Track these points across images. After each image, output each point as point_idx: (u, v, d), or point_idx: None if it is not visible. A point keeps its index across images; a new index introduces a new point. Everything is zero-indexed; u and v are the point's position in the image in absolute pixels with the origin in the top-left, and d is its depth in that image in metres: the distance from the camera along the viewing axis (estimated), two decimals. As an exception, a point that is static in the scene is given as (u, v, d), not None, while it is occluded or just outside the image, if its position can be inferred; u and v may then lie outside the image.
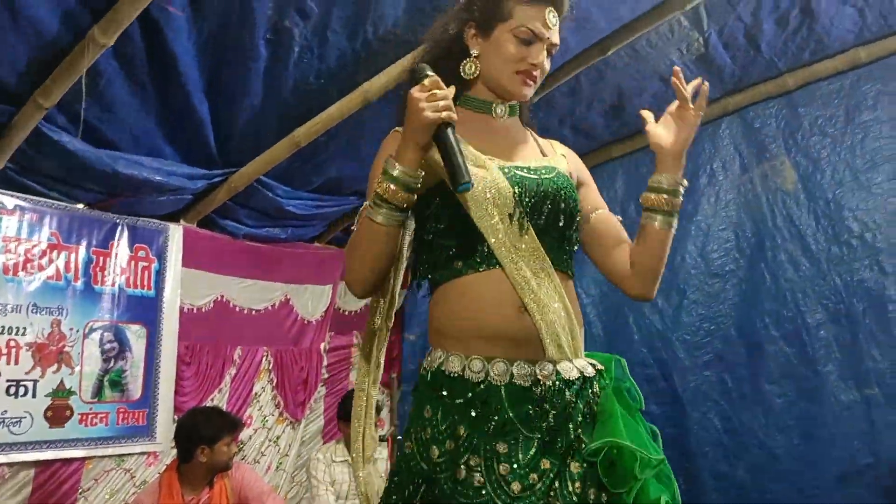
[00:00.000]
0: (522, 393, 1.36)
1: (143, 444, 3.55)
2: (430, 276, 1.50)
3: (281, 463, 4.25)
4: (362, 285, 1.44)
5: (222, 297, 3.95)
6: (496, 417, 1.35)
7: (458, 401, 1.37)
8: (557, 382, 1.39)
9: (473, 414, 1.35)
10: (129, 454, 3.50)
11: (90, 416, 3.35)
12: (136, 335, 3.54)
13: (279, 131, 3.36)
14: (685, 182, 1.54)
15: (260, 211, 3.88)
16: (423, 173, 1.37)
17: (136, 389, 3.54)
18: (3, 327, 3.07)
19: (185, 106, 3.04)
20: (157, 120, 3.10)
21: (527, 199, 1.43)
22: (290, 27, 2.77)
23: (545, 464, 1.34)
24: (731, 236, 4.03)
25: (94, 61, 2.57)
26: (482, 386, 1.36)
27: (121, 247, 3.49)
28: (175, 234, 3.69)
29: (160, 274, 3.64)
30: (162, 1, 2.52)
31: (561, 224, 1.47)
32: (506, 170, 1.45)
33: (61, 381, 3.25)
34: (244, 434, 3.99)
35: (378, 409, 3.91)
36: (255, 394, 4.12)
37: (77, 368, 3.31)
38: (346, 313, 4.73)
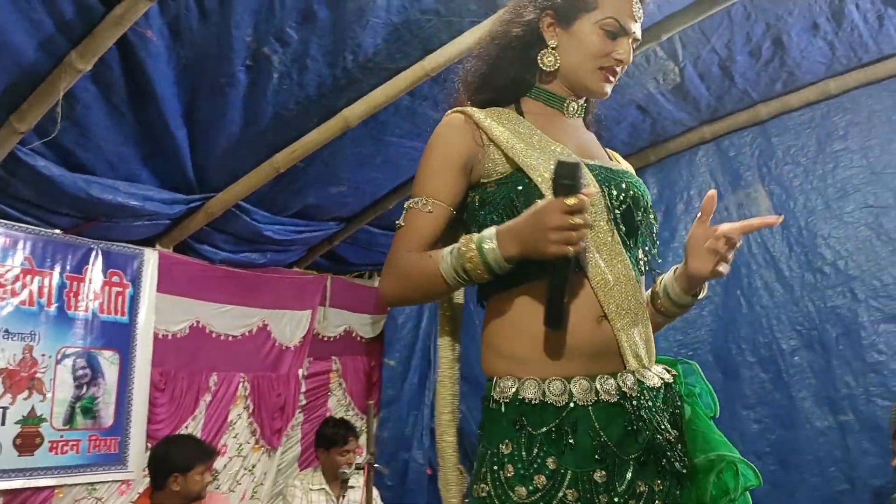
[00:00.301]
0: (612, 410, 1.24)
1: (114, 473, 3.49)
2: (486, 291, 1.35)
3: (256, 492, 4.18)
4: (401, 304, 1.39)
5: (198, 322, 3.91)
6: (589, 443, 1.22)
7: (541, 430, 1.22)
8: (645, 393, 1.27)
9: (563, 442, 1.21)
10: (100, 482, 3.43)
11: (61, 444, 3.28)
12: (108, 361, 3.49)
13: (258, 157, 3.36)
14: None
15: (238, 236, 3.86)
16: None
17: (108, 416, 3.48)
18: (-27, 354, 3.02)
19: (163, 131, 3.03)
20: (135, 145, 3.09)
21: (617, 200, 1.32)
22: (269, 54, 2.78)
23: (641, 487, 1.24)
24: (706, 263, 4.07)
25: (71, 86, 2.57)
26: (567, 410, 1.22)
27: (95, 272, 3.45)
28: (150, 259, 3.66)
29: (134, 299, 3.60)
30: (140, 27, 2.52)
31: (646, 228, 1.37)
32: (592, 167, 1.34)
33: (32, 408, 3.19)
34: (219, 462, 3.93)
35: (356, 436, 3.89)
36: (231, 421, 4.06)
37: (49, 395, 3.24)
38: (325, 339, 4.70)
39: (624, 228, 1.33)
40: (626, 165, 1.51)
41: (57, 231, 3.32)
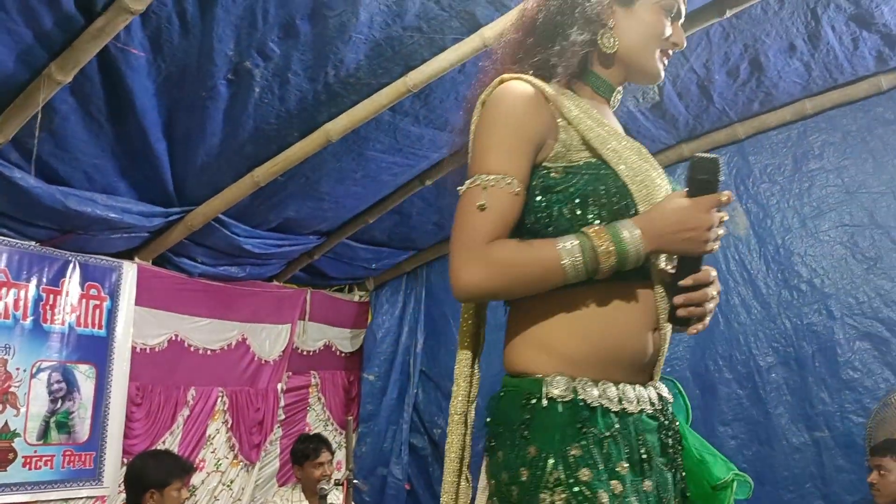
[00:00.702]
0: (651, 422, 1.20)
1: (89, 489, 3.44)
2: None
3: (233, 507, 4.14)
4: (490, 297, 1.24)
5: (176, 336, 3.88)
6: (641, 452, 1.16)
7: (606, 434, 1.14)
8: (666, 405, 1.25)
9: (626, 449, 1.15)
10: (75, 498, 3.37)
11: (35, 459, 3.23)
12: (84, 375, 3.45)
13: (238, 170, 3.35)
14: None
15: (217, 249, 3.84)
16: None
17: (83, 431, 3.43)
18: (-54, 367, 2.97)
19: (143, 144, 3.02)
20: (113, 157, 3.07)
21: None
22: (251, 68, 2.78)
23: (676, 500, 1.21)
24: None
25: (49, 98, 2.55)
26: (620, 416, 1.17)
27: (72, 284, 3.41)
28: (129, 271, 3.63)
29: (112, 313, 3.56)
30: (123, 43, 2.51)
31: None
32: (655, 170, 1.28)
33: (5, 423, 3.14)
34: (197, 477, 3.89)
35: (329, 447, 3.86)
36: (209, 436, 4.02)
37: (23, 409, 3.20)
38: (304, 353, 4.67)
39: None
40: None
41: (33, 243, 3.28)
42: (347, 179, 3.62)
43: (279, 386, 4.42)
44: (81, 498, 3.40)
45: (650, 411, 1.21)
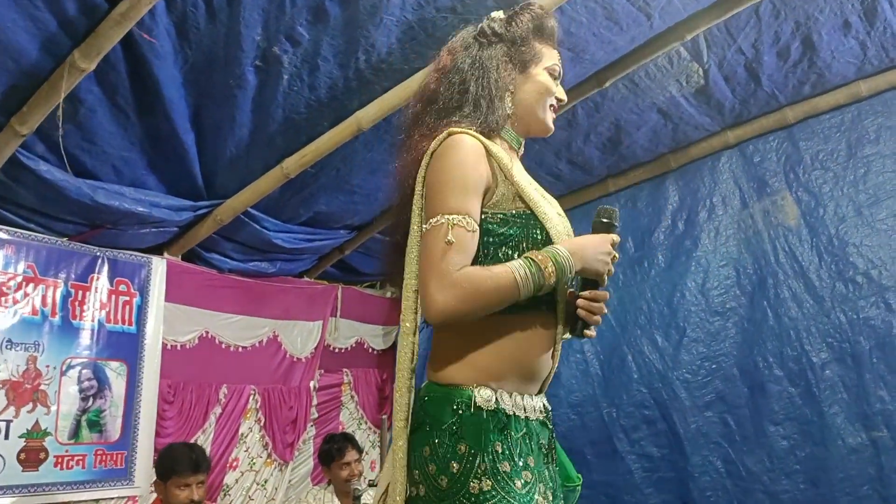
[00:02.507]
0: (542, 427, 1.51)
1: (121, 489, 3.39)
2: None
3: (267, 507, 4.08)
4: (458, 320, 1.40)
5: (207, 332, 3.82)
6: (541, 449, 1.48)
7: (519, 435, 1.43)
8: (550, 413, 1.56)
9: (533, 446, 1.45)
10: (106, 499, 3.33)
11: (66, 459, 3.19)
12: (115, 373, 3.40)
13: (267, 162, 3.27)
14: None
15: (247, 244, 3.78)
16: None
17: (114, 430, 3.39)
18: (-25, 365, 2.93)
19: (171, 135, 2.95)
20: (141, 149, 3.01)
21: None
22: (280, 54, 2.69)
23: (557, 490, 1.51)
24: (731, 273, 3.94)
25: (74, 88, 2.49)
26: (525, 421, 1.46)
27: (101, 281, 3.36)
28: (158, 267, 3.57)
29: (142, 309, 3.51)
30: (142, 29, 2.43)
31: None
32: (560, 216, 1.57)
33: (36, 422, 3.10)
34: (230, 477, 3.84)
35: (356, 446, 3.78)
36: (242, 434, 3.96)
37: (53, 408, 3.16)
38: (336, 350, 4.59)
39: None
40: None
41: (62, 239, 3.23)
42: (379, 171, 3.51)
43: (312, 384, 4.35)
44: (113, 498, 3.35)
45: (542, 418, 1.51)
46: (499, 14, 1.63)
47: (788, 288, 3.77)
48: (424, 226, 1.43)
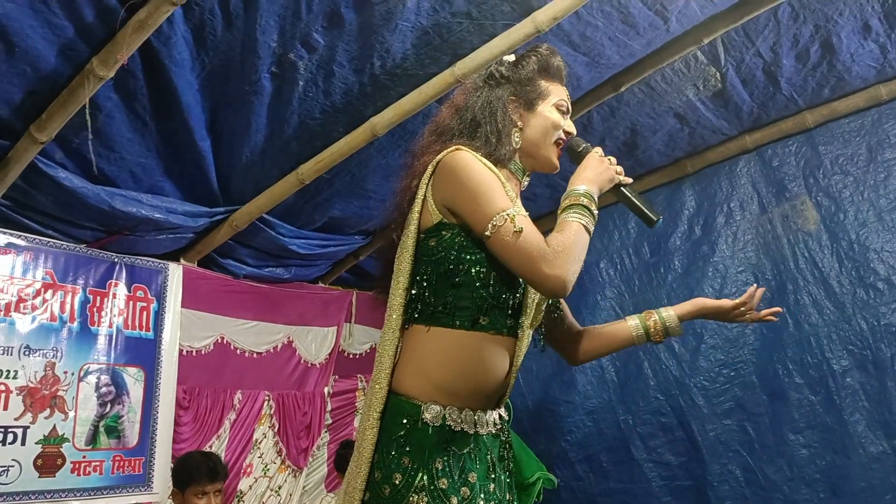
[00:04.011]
0: (494, 439, 1.58)
1: (139, 495, 3.38)
2: (433, 317, 1.52)
3: (281, 514, 4.07)
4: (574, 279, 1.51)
5: (223, 338, 3.83)
6: (487, 463, 1.54)
7: (464, 451, 1.50)
8: (504, 426, 1.62)
9: (477, 462, 1.51)
10: (123, 505, 3.33)
11: (83, 465, 3.19)
12: (133, 378, 3.41)
13: (282, 168, 3.28)
14: None
15: (262, 250, 3.78)
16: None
17: (132, 436, 3.39)
18: (-6, 371, 2.94)
19: (187, 141, 2.96)
20: (158, 156, 3.02)
21: None
22: (295, 60, 2.69)
23: (508, 496, 1.58)
24: (750, 278, 3.89)
25: (93, 94, 2.50)
26: (474, 436, 1.52)
27: (119, 287, 3.38)
28: (175, 273, 3.58)
29: (159, 315, 3.52)
30: (166, 36, 2.45)
31: (542, 314, 1.63)
32: None
33: (54, 427, 3.11)
34: (244, 483, 3.83)
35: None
36: (256, 440, 3.96)
37: (71, 414, 3.17)
38: (351, 356, 4.58)
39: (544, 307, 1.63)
40: None
41: (80, 245, 3.25)
42: (394, 176, 3.48)
43: (326, 389, 4.35)
44: (130, 504, 3.36)
45: (494, 431, 1.58)
46: (509, 57, 1.75)
47: (808, 294, 3.71)
48: (486, 233, 1.47)
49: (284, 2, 2.47)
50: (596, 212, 1.54)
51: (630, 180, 1.67)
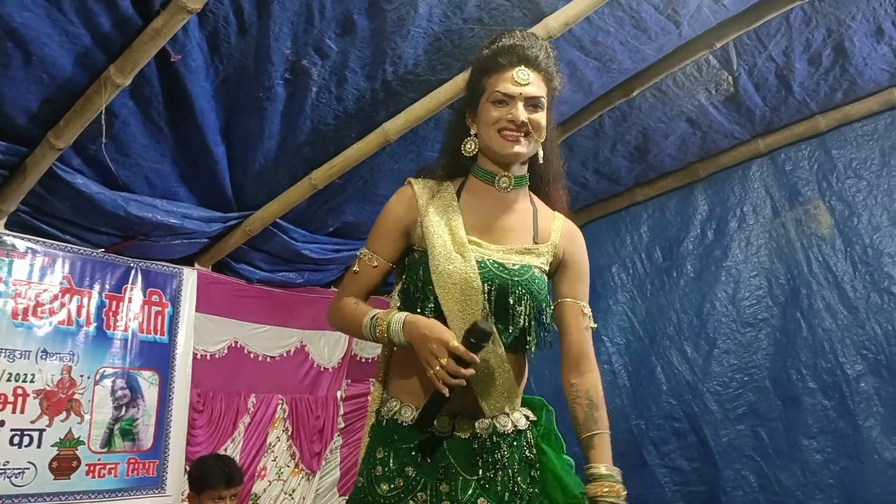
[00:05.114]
0: (462, 444, 1.58)
1: (153, 497, 3.41)
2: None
3: (295, 517, 4.09)
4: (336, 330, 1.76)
5: (236, 342, 3.85)
6: (441, 463, 1.57)
7: (404, 445, 1.58)
8: (494, 436, 1.59)
9: (419, 458, 1.57)
10: (137, 507, 3.36)
11: (98, 467, 3.23)
12: (148, 382, 3.44)
13: (295, 173, 3.30)
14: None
15: (275, 255, 3.81)
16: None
17: (147, 439, 3.42)
18: (11, 374, 2.98)
19: (201, 148, 2.99)
20: (173, 161, 3.06)
21: (494, 296, 1.58)
22: (308, 67, 2.72)
23: (482, 502, 1.55)
24: (763, 283, 3.88)
25: (109, 102, 2.53)
26: (428, 436, 1.57)
27: (134, 291, 3.42)
28: (189, 278, 3.61)
29: (174, 319, 3.55)
30: (181, 45, 2.48)
31: (521, 323, 1.60)
32: (483, 263, 1.60)
33: (69, 430, 3.14)
34: (258, 486, 3.86)
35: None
36: (270, 444, 3.98)
37: (87, 417, 3.20)
38: (363, 360, 4.60)
39: (504, 318, 1.59)
40: (549, 245, 1.69)
41: (97, 250, 3.29)
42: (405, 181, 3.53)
43: (339, 393, 4.36)
44: (144, 506, 3.38)
45: (466, 437, 1.58)
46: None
47: (822, 298, 3.69)
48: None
49: (297, 9, 2.50)
50: (382, 339, 1.59)
51: (442, 389, 1.48)
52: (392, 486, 1.56)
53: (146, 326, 3.46)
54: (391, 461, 1.57)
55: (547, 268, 1.68)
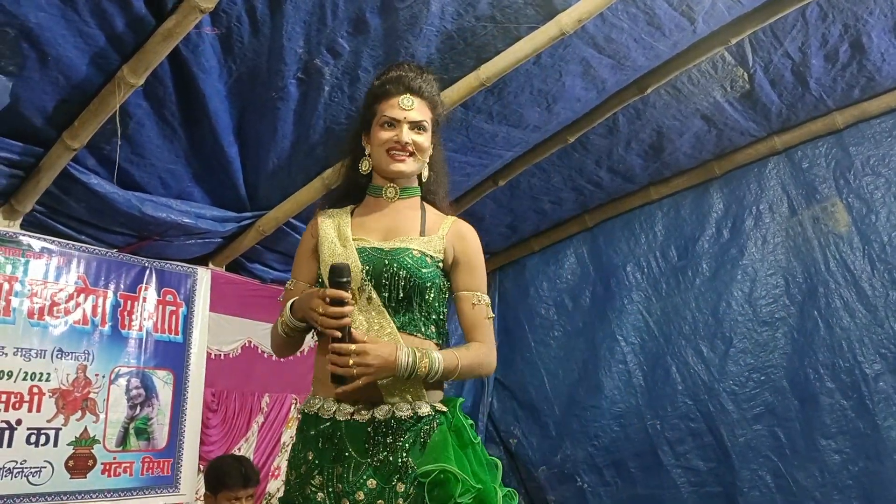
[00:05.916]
0: (360, 428, 1.69)
1: (167, 496, 3.42)
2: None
3: (308, 517, 4.09)
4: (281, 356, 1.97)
5: (250, 342, 3.86)
6: (338, 446, 1.70)
7: (311, 433, 1.73)
8: (392, 421, 1.69)
9: (320, 444, 1.71)
10: (152, 506, 3.38)
11: (114, 466, 3.24)
12: (163, 381, 3.45)
13: (308, 173, 3.30)
14: None
15: (289, 254, 3.81)
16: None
17: (161, 438, 3.43)
18: (27, 373, 2.99)
19: (215, 148, 3.00)
20: (186, 162, 3.06)
21: (371, 275, 1.73)
22: (321, 66, 2.72)
23: (371, 483, 1.65)
24: (780, 282, 3.84)
25: (123, 102, 2.54)
26: (330, 422, 1.71)
27: (149, 291, 3.43)
28: (203, 278, 3.63)
29: (188, 318, 3.57)
30: (194, 44, 2.49)
31: (401, 296, 1.72)
32: (363, 250, 1.77)
33: (85, 429, 3.16)
34: (273, 486, 3.86)
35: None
36: (284, 443, 3.99)
37: (102, 416, 3.22)
38: (377, 360, 4.59)
39: (385, 295, 1.72)
40: (437, 238, 1.82)
41: (112, 250, 3.31)
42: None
43: (352, 393, 4.35)
44: (158, 505, 3.40)
45: (364, 422, 1.69)
46: None
47: (840, 297, 3.66)
48: None
49: (310, 8, 2.50)
50: (291, 323, 1.76)
51: (335, 334, 1.63)
52: (298, 472, 1.74)
53: (161, 326, 3.48)
54: (301, 449, 1.75)
55: (434, 254, 1.79)
